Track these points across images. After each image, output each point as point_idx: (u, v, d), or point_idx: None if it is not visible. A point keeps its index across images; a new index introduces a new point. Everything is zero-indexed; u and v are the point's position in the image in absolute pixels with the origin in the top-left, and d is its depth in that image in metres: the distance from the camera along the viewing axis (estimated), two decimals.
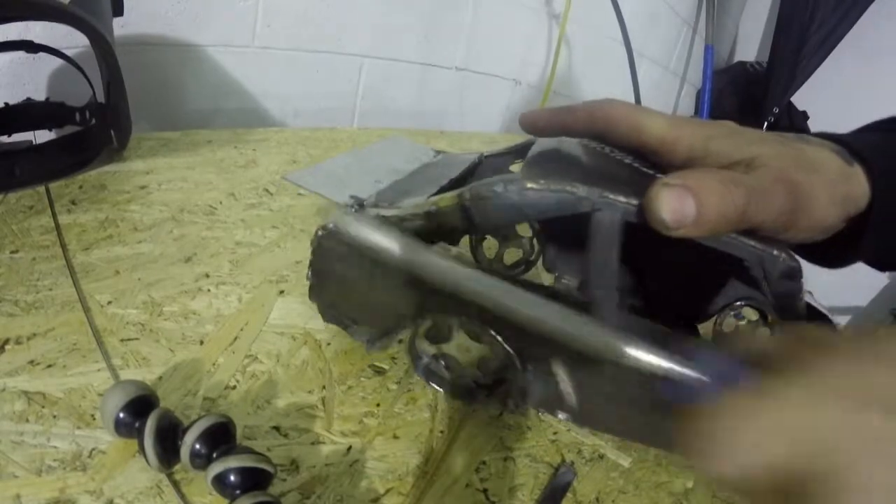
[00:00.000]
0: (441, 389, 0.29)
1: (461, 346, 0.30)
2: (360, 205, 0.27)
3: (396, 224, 0.26)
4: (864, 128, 0.31)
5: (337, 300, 0.29)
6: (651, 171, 0.26)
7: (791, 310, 0.23)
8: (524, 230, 0.38)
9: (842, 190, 0.24)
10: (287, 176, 0.49)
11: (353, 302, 0.29)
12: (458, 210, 0.25)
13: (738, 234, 0.23)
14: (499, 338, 0.25)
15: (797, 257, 0.23)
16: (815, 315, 0.31)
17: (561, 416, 0.28)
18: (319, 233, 0.27)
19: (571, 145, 0.30)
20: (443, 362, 0.29)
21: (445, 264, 0.25)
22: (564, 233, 0.37)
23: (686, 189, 0.21)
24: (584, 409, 0.28)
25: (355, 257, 0.27)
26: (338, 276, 0.28)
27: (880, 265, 0.28)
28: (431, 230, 0.26)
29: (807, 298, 0.25)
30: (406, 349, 0.29)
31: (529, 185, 0.23)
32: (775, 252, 0.23)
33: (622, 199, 0.23)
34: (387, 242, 0.26)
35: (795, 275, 0.23)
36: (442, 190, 0.29)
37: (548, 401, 0.28)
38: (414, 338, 0.29)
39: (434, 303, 0.26)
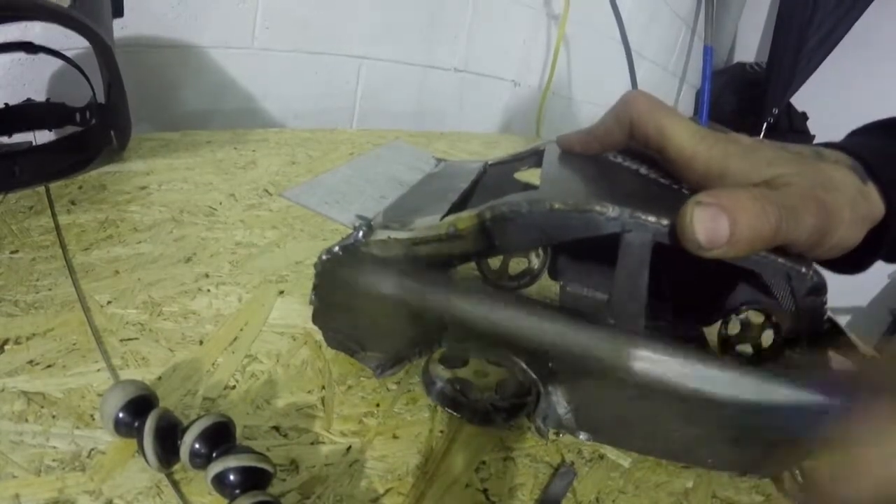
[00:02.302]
0: (457, 414, 0.28)
1: (478, 372, 0.29)
2: (368, 226, 0.25)
3: (410, 248, 0.25)
4: (867, 127, 0.31)
5: (343, 325, 0.28)
6: (671, 184, 0.26)
7: (816, 324, 0.23)
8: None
9: (862, 209, 0.24)
10: (285, 193, 0.49)
11: (361, 327, 0.27)
12: (477, 231, 0.24)
13: (767, 251, 0.22)
14: (522, 363, 0.25)
15: (820, 271, 0.23)
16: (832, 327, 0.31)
17: (582, 436, 0.28)
18: (324, 257, 0.26)
19: (585, 157, 0.29)
20: (458, 386, 0.29)
21: (476, 302, 0.25)
22: (571, 241, 0.36)
23: (720, 208, 0.20)
24: (605, 427, 0.27)
25: (366, 282, 0.26)
26: (345, 301, 0.27)
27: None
28: (447, 252, 0.25)
29: None
30: (420, 373, 0.29)
31: (556, 205, 0.22)
32: (803, 269, 0.22)
33: (652, 218, 0.22)
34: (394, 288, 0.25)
35: (822, 290, 0.23)
36: (453, 207, 0.28)
37: (569, 422, 0.27)
38: (428, 363, 0.28)
39: (456, 331, 0.25)
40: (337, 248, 0.26)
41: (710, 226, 0.20)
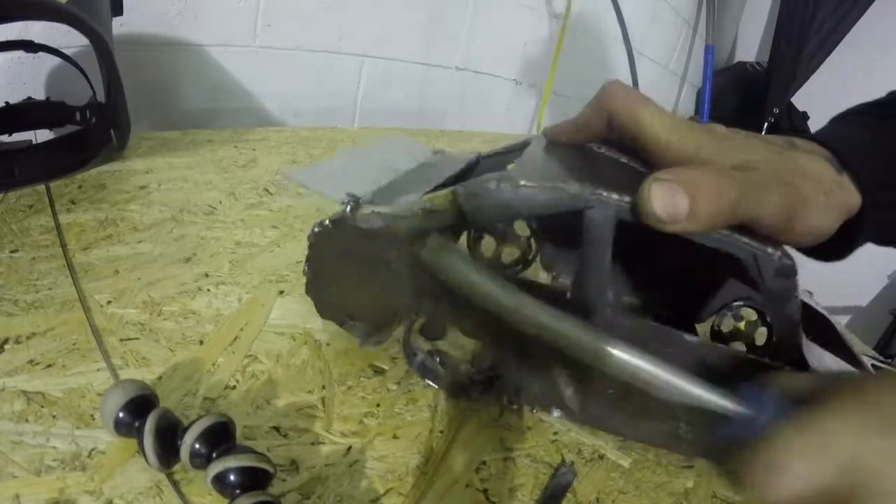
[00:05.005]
0: (437, 386, 0.29)
1: (455, 343, 0.30)
2: (356, 202, 0.27)
3: (391, 220, 0.26)
4: (847, 113, 0.31)
5: (333, 296, 0.29)
6: (646, 171, 0.26)
7: (784, 309, 0.23)
8: (522, 229, 0.38)
9: (837, 197, 0.24)
10: (284, 170, 0.49)
11: (348, 297, 0.29)
12: (452, 207, 0.25)
13: (733, 231, 0.22)
14: (489, 339, 0.25)
15: (792, 255, 0.23)
16: (811, 315, 0.31)
17: (555, 413, 0.29)
18: (316, 229, 0.27)
19: (569, 146, 0.30)
20: (437, 358, 0.30)
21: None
22: (561, 232, 0.37)
23: (677, 183, 0.21)
24: (579, 407, 0.28)
25: (353, 254, 0.27)
26: (334, 272, 0.28)
27: (878, 243, 0.28)
28: (426, 228, 0.26)
29: (806, 299, 0.25)
30: (401, 345, 0.30)
31: (523, 182, 0.23)
32: (770, 249, 0.22)
33: (615, 196, 0.22)
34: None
35: (790, 273, 0.23)
36: (437, 188, 0.29)
37: (541, 398, 0.28)
38: (409, 334, 0.29)
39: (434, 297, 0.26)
40: (327, 222, 0.27)
41: (668, 200, 0.21)
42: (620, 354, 0.21)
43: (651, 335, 0.25)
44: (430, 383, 0.29)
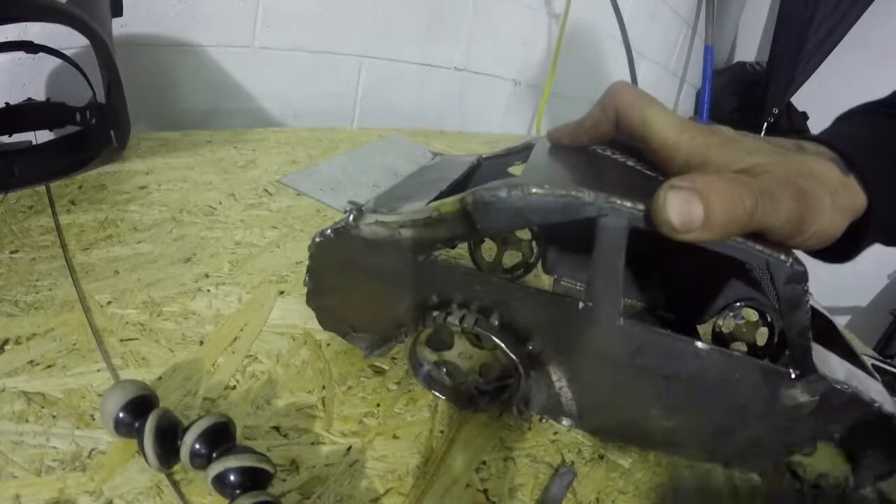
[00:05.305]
0: (443, 396, 0.29)
1: (463, 354, 0.29)
2: (358, 210, 0.26)
3: (395, 230, 0.26)
4: (853, 111, 0.31)
5: (335, 306, 0.29)
6: (654, 174, 0.26)
7: (795, 314, 0.23)
8: (523, 233, 0.38)
9: (844, 199, 0.24)
10: (283, 178, 0.50)
11: (351, 308, 0.28)
12: (459, 215, 0.24)
13: (745, 238, 0.22)
14: (502, 344, 0.25)
15: (802, 261, 0.23)
16: (813, 315, 0.31)
17: (565, 422, 0.28)
18: (318, 239, 0.27)
19: (573, 149, 0.29)
20: (444, 369, 0.29)
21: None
22: (564, 235, 0.37)
23: (693, 191, 0.21)
24: (585, 413, 0.27)
25: (355, 264, 0.27)
26: (336, 283, 0.28)
27: (885, 243, 0.28)
28: (432, 236, 0.26)
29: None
30: (407, 355, 0.29)
31: (534, 189, 0.23)
32: (783, 256, 0.22)
33: (628, 204, 0.22)
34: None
35: (801, 279, 0.23)
36: (441, 194, 0.29)
37: (550, 407, 0.28)
38: (415, 345, 0.29)
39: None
40: (329, 231, 0.26)
41: (683, 209, 0.20)
42: None
43: (661, 343, 0.24)
44: (436, 394, 0.29)
